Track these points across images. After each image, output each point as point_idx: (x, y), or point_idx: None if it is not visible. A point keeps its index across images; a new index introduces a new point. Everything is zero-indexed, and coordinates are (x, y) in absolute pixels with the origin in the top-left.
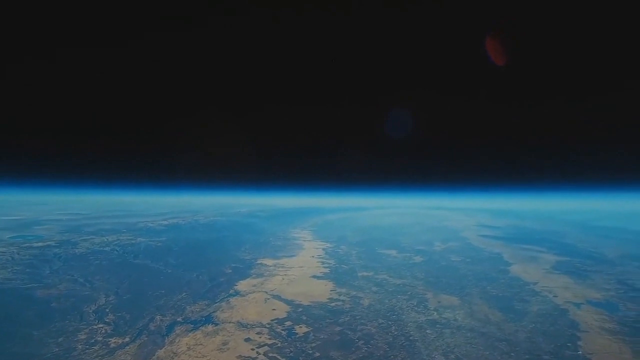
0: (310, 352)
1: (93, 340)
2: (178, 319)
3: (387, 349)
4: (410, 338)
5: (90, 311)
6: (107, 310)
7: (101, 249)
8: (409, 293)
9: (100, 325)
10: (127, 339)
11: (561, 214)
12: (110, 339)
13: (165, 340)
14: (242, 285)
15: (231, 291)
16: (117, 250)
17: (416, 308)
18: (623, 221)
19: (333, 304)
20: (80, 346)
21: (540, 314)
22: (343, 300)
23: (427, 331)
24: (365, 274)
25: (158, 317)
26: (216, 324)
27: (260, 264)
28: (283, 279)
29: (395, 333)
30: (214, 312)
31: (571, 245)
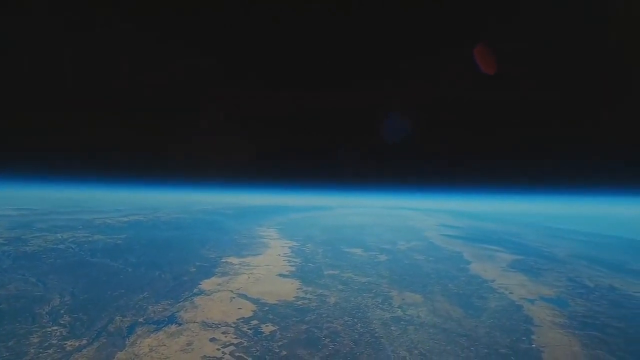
0: (277, 350)
1: (47, 344)
2: (139, 320)
3: (353, 346)
4: (376, 335)
5: (44, 312)
6: (62, 311)
7: (55, 246)
8: (374, 291)
9: (55, 328)
10: (84, 342)
11: (517, 216)
12: (66, 342)
13: (126, 342)
14: (207, 284)
15: (195, 290)
16: (72, 248)
17: (381, 305)
18: (573, 223)
19: (299, 303)
20: (33, 350)
21: (498, 310)
22: (309, 299)
23: (392, 328)
24: (331, 272)
25: (118, 318)
26: (180, 324)
27: (226, 262)
28: (249, 277)
29: (361, 330)
30: (177, 312)
31: (526, 245)
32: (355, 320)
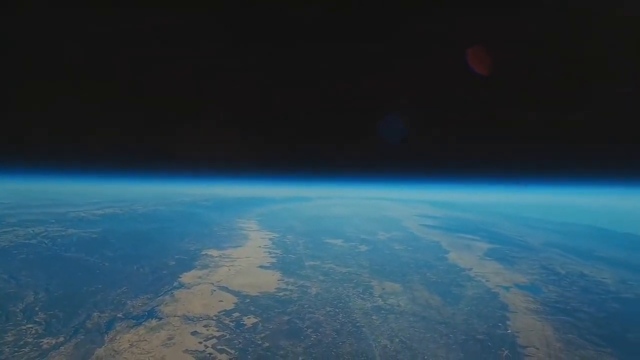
0: (260, 342)
1: (22, 342)
2: (118, 315)
3: (335, 336)
4: (357, 324)
5: (18, 310)
6: (37, 308)
7: (26, 241)
8: (355, 281)
9: (30, 326)
10: (61, 339)
11: (493, 206)
12: (42, 340)
13: (105, 338)
14: (187, 277)
15: (175, 284)
16: (45, 243)
17: (362, 295)
18: (546, 213)
19: (281, 294)
20: (7, 349)
21: (475, 298)
22: (291, 290)
23: (373, 317)
24: (312, 263)
25: (96, 314)
26: (160, 319)
27: (206, 255)
28: (229, 270)
29: (343, 320)
30: (157, 306)
31: (502, 234)
32: (337, 310)
